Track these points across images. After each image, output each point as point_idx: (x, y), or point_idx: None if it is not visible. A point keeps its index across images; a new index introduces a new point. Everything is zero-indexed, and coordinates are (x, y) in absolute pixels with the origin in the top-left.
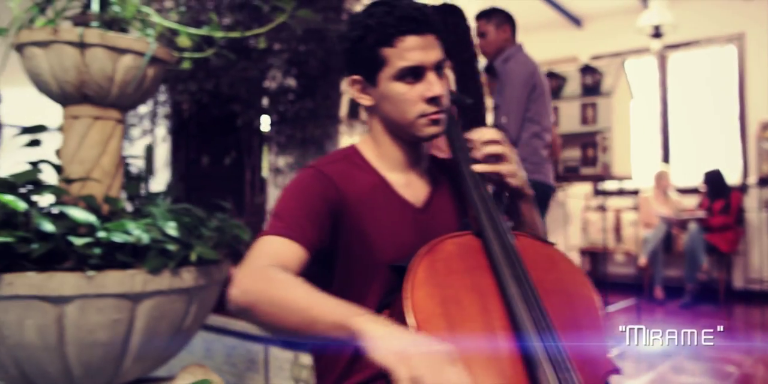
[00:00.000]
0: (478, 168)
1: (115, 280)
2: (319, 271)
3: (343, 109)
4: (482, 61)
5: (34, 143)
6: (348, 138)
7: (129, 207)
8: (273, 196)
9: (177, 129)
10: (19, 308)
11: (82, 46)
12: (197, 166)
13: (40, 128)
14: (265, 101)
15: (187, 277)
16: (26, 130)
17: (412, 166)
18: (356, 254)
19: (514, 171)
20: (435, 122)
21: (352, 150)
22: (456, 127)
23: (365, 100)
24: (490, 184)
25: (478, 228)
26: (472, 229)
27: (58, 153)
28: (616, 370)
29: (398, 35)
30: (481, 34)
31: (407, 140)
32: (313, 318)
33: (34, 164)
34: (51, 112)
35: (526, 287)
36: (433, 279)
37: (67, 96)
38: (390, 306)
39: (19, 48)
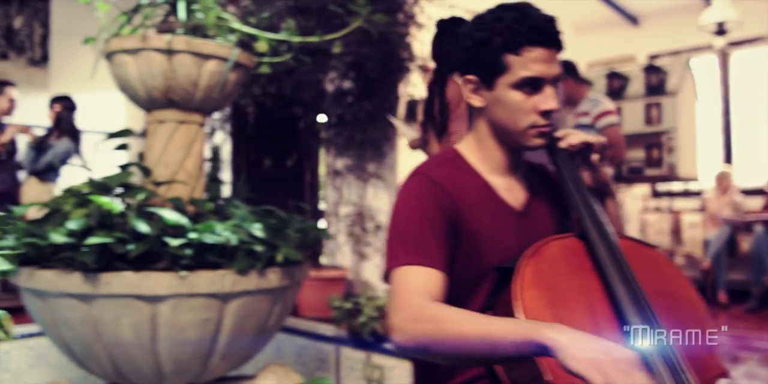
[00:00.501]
0: (595, 157)
1: (206, 280)
2: None
3: (401, 111)
4: None
5: (122, 147)
6: (405, 140)
7: None
8: (331, 197)
9: (237, 132)
10: (116, 306)
11: (169, 52)
12: (257, 168)
13: (125, 133)
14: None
15: (273, 278)
16: (113, 135)
17: (513, 171)
18: (466, 258)
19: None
20: (543, 135)
21: (454, 153)
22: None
23: (476, 101)
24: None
25: (581, 230)
26: (574, 231)
27: (141, 156)
28: (725, 374)
29: (526, 45)
30: None
31: (511, 146)
32: (494, 342)
33: (124, 167)
34: (112, 117)
35: (635, 289)
36: (540, 280)
37: (154, 101)
38: (493, 307)
39: (109, 56)
